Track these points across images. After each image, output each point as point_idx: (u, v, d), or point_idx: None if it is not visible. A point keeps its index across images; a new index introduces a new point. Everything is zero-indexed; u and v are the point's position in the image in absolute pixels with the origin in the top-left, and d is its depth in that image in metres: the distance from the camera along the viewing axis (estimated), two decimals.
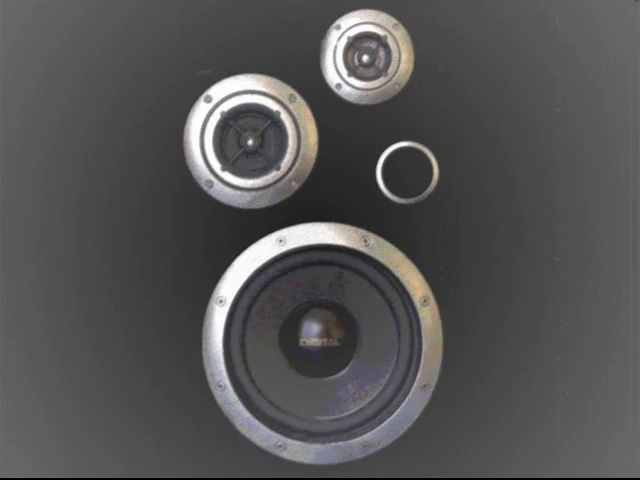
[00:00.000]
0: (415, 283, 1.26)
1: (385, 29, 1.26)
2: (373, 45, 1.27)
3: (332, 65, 1.26)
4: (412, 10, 1.26)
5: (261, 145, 1.26)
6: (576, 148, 1.28)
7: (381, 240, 1.25)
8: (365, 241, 1.25)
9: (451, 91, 1.26)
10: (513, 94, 1.27)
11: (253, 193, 1.25)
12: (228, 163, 1.25)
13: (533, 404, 1.29)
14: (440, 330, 1.26)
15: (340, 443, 1.26)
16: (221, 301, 1.24)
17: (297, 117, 1.25)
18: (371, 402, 1.28)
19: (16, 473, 1.26)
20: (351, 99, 1.26)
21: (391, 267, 1.25)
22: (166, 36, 1.24)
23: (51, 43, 1.24)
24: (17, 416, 1.26)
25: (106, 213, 1.25)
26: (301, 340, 1.28)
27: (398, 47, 1.26)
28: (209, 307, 1.25)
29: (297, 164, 1.25)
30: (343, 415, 1.28)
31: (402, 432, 1.27)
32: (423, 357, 1.26)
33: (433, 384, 1.27)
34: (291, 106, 1.25)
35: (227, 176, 1.24)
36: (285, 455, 1.26)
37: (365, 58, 1.27)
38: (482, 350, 1.28)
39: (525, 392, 1.29)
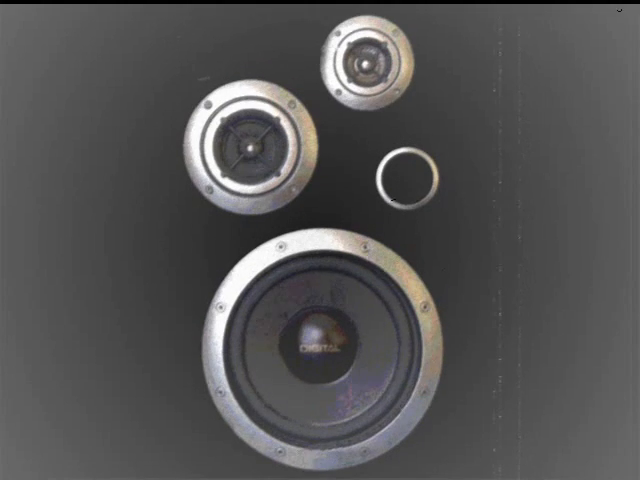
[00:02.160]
0: (415, 289, 1.26)
1: (385, 35, 1.26)
2: (373, 51, 1.27)
3: (332, 71, 1.26)
4: (412, 16, 1.26)
5: (261, 151, 1.26)
6: (577, 151, 1.28)
7: (381, 246, 1.25)
8: (365, 247, 1.25)
9: (451, 97, 1.26)
10: (512, 99, 1.27)
11: (253, 199, 1.25)
12: (228, 169, 1.25)
13: (532, 409, 1.29)
14: (440, 336, 1.26)
15: (340, 449, 1.26)
16: (221, 307, 1.24)
17: (297, 123, 1.25)
18: (371, 408, 1.28)
19: (16, 474, 1.26)
20: (351, 105, 1.26)
21: (391, 273, 1.25)
22: (166, 42, 1.24)
23: (49, 49, 1.24)
24: (17, 418, 1.26)
25: (106, 219, 1.25)
26: (301, 346, 1.28)
27: (398, 53, 1.26)
28: (209, 313, 1.25)
29: (297, 170, 1.25)
30: (343, 421, 1.28)
31: (402, 438, 1.27)
32: (423, 363, 1.26)
33: (433, 390, 1.27)
34: (291, 112, 1.25)
35: (227, 182, 1.25)
36: (285, 461, 1.26)
37: (365, 64, 1.27)
38: (482, 356, 1.28)
39: (524, 397, 1.29)
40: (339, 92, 1.26)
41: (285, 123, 1.25)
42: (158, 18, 1.24)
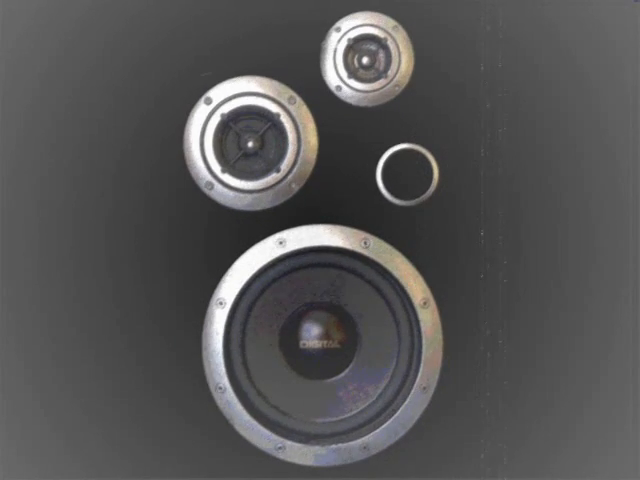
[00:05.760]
0: (415, 285, 1.26)
1: (385, 31, 1.26)
2: (373, 47, 1.27)
3: (332, 67, 1.26)
4: (412, 12, 1.26)
5: (261, 147, 1.26)
6: (576, 149, 1.28)
7: (381, 242, 1.25)
8: (365, 243, 1.25)
9: (451, 93, 1.26)
10: (513, 96, 1.27)
11: (253, 195, 1.25)
12: (228, 165, 1.25)
13: (533, 405, 1.29)
14: (440, 332, 1.26)
15: (340, 445, 1.26)
16: (221, 303, 1.25)
17: (297, 119, 1.25)
18: (371, 404, 1.28)
19: (17, 474, 1.26)
20: (351, 101, 1.26)
21: (391, 269, 1.25)
22: (166, 38, 1.24)
23: (50, 46, 1.24)
24: (17, 419, 1.26)
25: (106, 215, 1.25)
26: (301, 342, 1.28)
27: (398, 49, 1.26)
28: (209, 309, 1.25)
29: (297, 166, 1.25)
30: (343, 417, 1.28)
31: (402, 434, 1.27)
32: (423, 359, 1.26)
33: (433, 386, 1.27)
34: (291, 108, 1.25)
35: (227, 178, 1.25)
36: (285, 457, 1.26)
37: (365, 60, 1.27)
38: (482, 352, 1.28)
39: (525, 393, 1.29)
40: (339, 88, 1.26)
41: (285, 119, 1.25)
42: (158, 15, 1.24)
